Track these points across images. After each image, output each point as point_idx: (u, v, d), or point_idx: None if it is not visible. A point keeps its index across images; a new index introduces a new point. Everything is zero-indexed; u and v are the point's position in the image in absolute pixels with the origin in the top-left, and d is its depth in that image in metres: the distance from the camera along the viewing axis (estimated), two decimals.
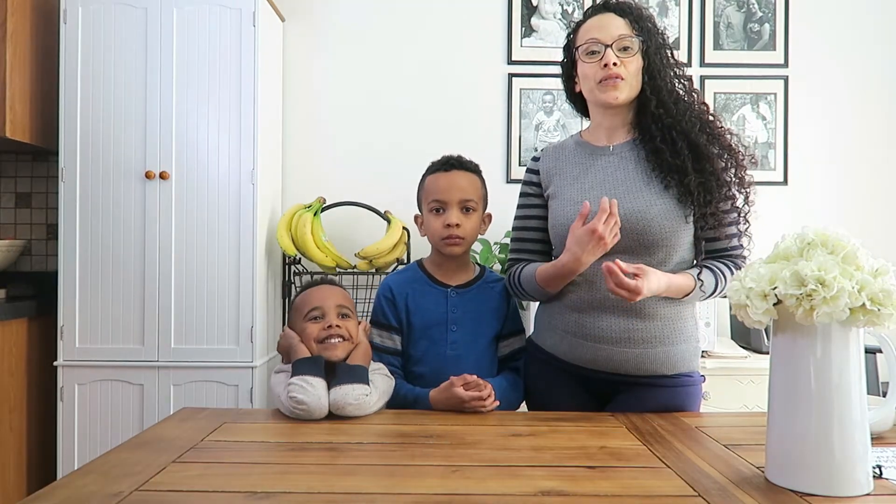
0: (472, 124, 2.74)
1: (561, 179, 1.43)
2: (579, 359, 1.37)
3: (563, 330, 1.39)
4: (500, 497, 0.85)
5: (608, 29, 1.34)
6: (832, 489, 0.85)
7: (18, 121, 2.31)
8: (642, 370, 1.33)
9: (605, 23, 1.36)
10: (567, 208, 1.38)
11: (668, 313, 1.34)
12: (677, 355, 1.35)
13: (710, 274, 1.32)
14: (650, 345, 1.33)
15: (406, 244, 2.50)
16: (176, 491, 0.87)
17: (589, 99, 1.43)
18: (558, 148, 1.50)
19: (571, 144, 1.48)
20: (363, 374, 1.29)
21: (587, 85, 1.39)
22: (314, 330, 1.34)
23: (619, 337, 1.32)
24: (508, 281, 1.48)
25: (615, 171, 1.38)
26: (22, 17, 2.31)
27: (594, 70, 1.35)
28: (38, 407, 2.36)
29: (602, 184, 1.37)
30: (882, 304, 0.83)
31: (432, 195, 1.47)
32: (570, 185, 1.41)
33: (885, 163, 2.75)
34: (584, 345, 1.36)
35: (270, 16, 2.50)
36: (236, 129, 2.30)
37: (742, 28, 2.77)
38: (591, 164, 1.42)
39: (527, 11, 2.76)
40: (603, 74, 1.33)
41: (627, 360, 1.33)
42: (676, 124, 1.34)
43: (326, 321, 1.35)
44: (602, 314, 1.34)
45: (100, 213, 2.28)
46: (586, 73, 1.37)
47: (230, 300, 2.29)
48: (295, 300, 1.44)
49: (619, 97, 1.34)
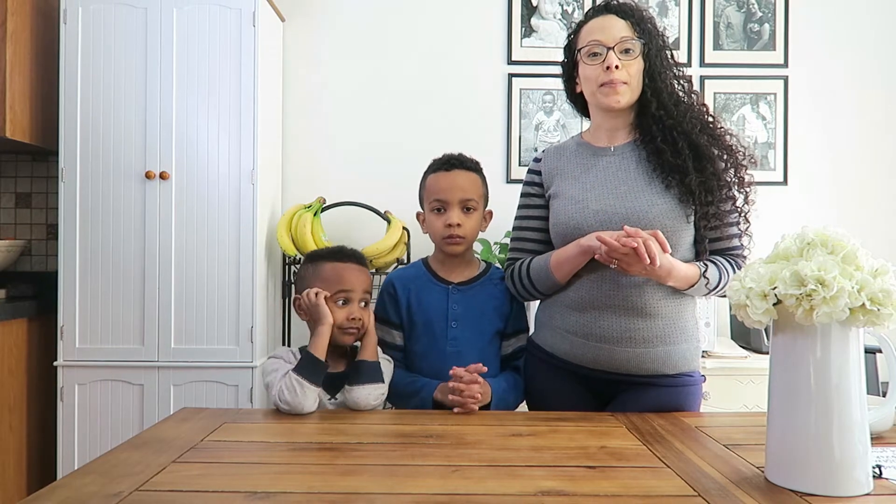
0: (472, 124, 2.74)
1: (562, 179, 1.44)
2: (580, 358, 1.37)
3: (564, 329, 1.39)
4: (500, 497, 0.85)
5: (610, 31, 1.34)
6: (832, 489, 0.85)
7: (18, 121, 2.31)
8: (644, 369, 1.33)
9: (607, 24, 1.35)
10: (568, 207, 1.38)
11: (670, 312, 1.34)
12: (678, 355, 1.35)
13: (714, 268, 1.32)
14: (652, 344, 1.33)
15: (406, 244, 2.50)
16: (176, 491, 0.87)
17: (590, 101, 1.43)
18: (560, 149, 1.50)
19: (573, 145, 1.49)
20: (380, 373, 1.34)
21: (589, 87, 1.39)
22: (339, 316, 1.34)
23: (621, 336, 1.32)
24: (509, 276, 1.48)
25: (616, 171, 1.38)
26: (22, 17, 2.31)
27: (596, 72, 1.35)
28: (38, 407, 2.36)
29: (603, 183, 1.37)
30: (882, 304, 0.83)
31: (433, 195, 1.48)
32: (571, 184, 1.41)
33: (884, 163, 2.75)
34: (585, 344, 1.35)
35: (270, 16, 2.50)
36: (236, 129, 2.30)
37: (742, 28, 2.77)
38: (592, 165, 1.42)
39: (527, 11, 2.76)
40: (605, 78, 1.33)
41: (629, 360, 1.33)
42: (677, 125, 1.34)
43: (351, 310, 1.36)
44: (604, 313, 1.34)
45: (100, 213, 2.28)
46: (588, 75, 1.37)
47: (230, 300, 2.29)
48: (322, 266, 1.40)
49: (620, 101, 1.35)
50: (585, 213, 1.35)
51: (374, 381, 1.32)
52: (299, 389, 1.24)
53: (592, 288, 1.34)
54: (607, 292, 1.32)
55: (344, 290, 1.36)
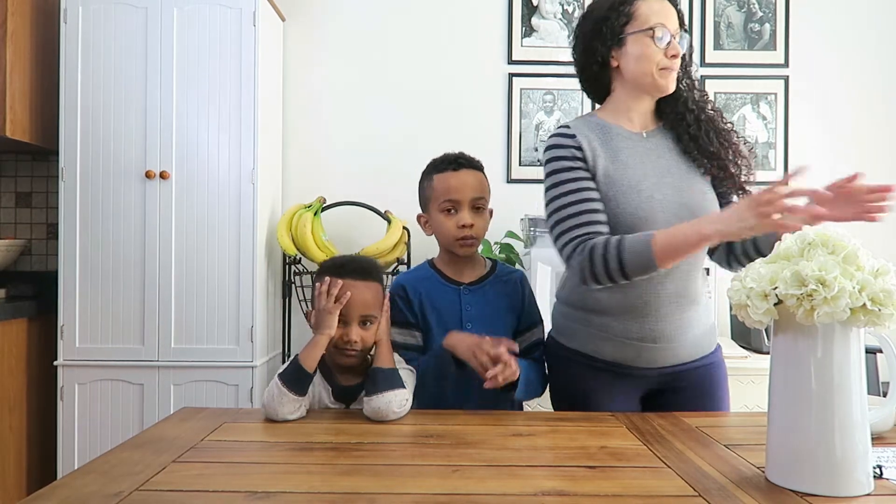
0: (472, 124, 2.74)
1: (609, 161, 1.34)
2: (634, 360, 1.35)
3: (624, 337, 1.33)
4: (500, 497, 0.85)
5: (671, 18, 1.34)
6: (832, 489, 0.85)
7: (18, 121, 2.31)
8: (694, 354, 1.37)
9: (667, 11, 1.35)
10: (631, 196, 1.31)
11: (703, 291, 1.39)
12: (712, 330, 1.41)
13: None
14: (701, 326, 1.37)
15: (406, 244, 2.50)
16: (176, 491, 0.87)
17: (637, 80, 1.35)
18: (588, 125, 1.39)
19: (600, 125, 1.39)
20: (398, 379, 1.25)
21: (642, 66, 1.33)
22: (336, 333, 1.27)
23: (685, 330, 1.34)
24: (590, 258, 1.25)
25: (658, 158, 1.37)
26: (22, 17, 2.31)
27: (659, 55, 1.33)
28: (38, 407, 2.36)
29: (654, 172, 1.34)
30: (883, 304, 0.83)
31: (444, 195, 1.43)
32: (621, 170, 1.33)
33: (884, 163, 2.74)
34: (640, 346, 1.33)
35: (270, 16, 2.50)
36: (236, 129, 2.30)
37: (742, 28, 2.77)
38: (632, 150, 1.37)
39: (527, 11, 2.76)
40: (667, 63, 1.33)
41: (685, 348, 1.35)
42: (702, 112, 1.39)
43: (347, 333, 1.27)
44: (668, 309, 1.32)
45: (100, 213, 2.28)
46: (649, 55, 1.32)
47: (230, 300, 2.29)
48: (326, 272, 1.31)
49: (671, 87, 1.36)
50: (652, 203, 1.31)
51: (392, 387, 1.22)
52: (277, 396, 1.19)
53: (655, 287, 1.31)
54: (670, 289, 1.32)
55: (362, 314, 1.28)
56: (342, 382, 1.31)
